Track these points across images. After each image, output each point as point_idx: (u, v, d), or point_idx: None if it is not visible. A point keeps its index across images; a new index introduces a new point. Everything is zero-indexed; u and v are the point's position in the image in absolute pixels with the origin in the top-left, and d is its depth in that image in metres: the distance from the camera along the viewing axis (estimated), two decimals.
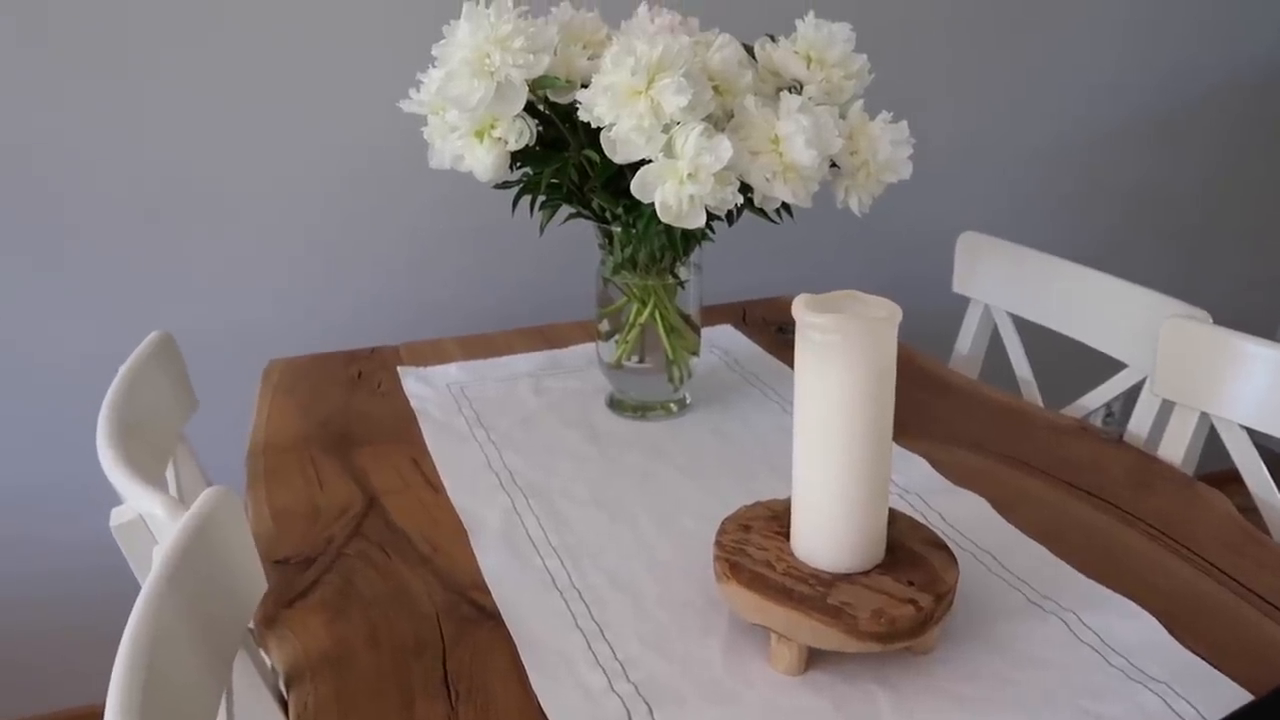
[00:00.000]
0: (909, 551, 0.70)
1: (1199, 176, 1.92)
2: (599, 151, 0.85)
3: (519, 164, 0.93)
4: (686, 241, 0.96)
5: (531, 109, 0.89)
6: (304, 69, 1.35)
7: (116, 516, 0.69)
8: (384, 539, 0.84)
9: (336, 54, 1.35)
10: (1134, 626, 0.71)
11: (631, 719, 0.63)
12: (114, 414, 0.81)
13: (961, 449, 0.97)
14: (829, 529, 0.68)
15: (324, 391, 1.12)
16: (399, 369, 1.17)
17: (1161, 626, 0.71)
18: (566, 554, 0.81)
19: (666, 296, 1.00)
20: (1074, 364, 1.31)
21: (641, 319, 1.00)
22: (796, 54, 0.93)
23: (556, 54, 0.88)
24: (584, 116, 0.84)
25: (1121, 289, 1.10)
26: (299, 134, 1.37)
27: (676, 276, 1.00)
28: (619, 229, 0.96)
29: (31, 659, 1.48)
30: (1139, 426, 1.04)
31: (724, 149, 0.81)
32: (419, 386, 1.13)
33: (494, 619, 0.73)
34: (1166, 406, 1.01)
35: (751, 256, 1.64)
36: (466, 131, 0.88)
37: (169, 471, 0.93)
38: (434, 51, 0.86)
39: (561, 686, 0.66)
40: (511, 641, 0.71)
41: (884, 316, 0.65)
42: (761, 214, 0.93)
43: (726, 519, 0.75)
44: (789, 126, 0.84)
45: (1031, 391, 1.21)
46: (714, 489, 0.91)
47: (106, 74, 1.27)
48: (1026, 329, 1.23)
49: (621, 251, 0.98)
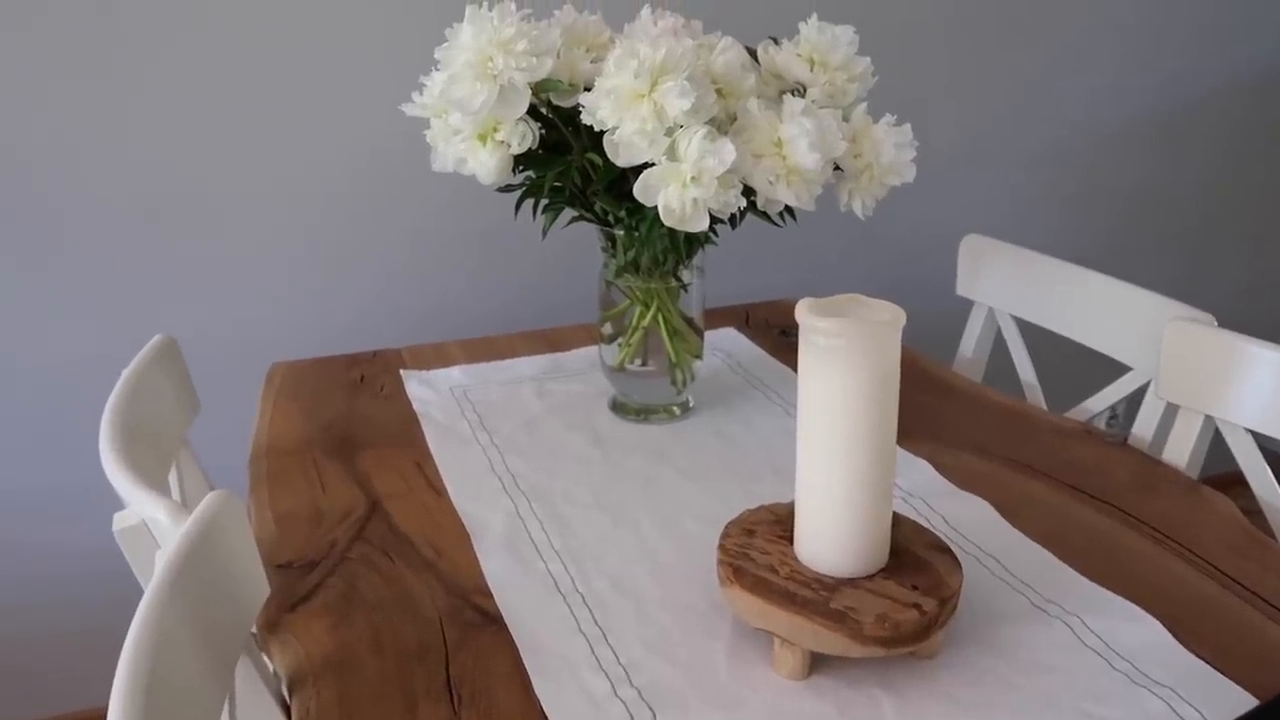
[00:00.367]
0: (913, 556, 0.70)
1: (1200, 179, 1.91)
2: (602, 155, 0.85)
3: (522, 167, 0.93)
4: (689, 244, 0.96)
5: (534, 112, 0.89)
6: (307, 73, 1.35)
7: (119, 521, 0.69)
8: (387, 543, 0.84)
9: (339, 57, 1.35)
10: (1139, 630, 0.71)
11: None
12: (117, 418, 0.81)
13: (965, 452, 0.97)
14: (832, 533, 0.68)
15: (327, 395, 1.12)
16: (402, 372, 1.17)
17: (1166, 630, 0.71)
18: (569, 558, 0.81)
19: (669, 299, 1.00)
20: (1078, 367, 1.31)
21: (644, 322, 1.00)
22: (800, 57, 0.93)
23: (559, 57, 0.88)
24: (587, 120, 0.84)
25: (1125, 292, 1.10)
26: (302, 137, 1.37)
27: (679, 279, 1.00)
28: (622, 232, 0.96)
29: (34, 663, 1.48)
30: (1143, 430, 1.04)
31: (727, 152, 0.81)
32: (422, 390, 1.13)
33: (497, 623, 0.73)
34: (1171, 410, 1.01)
35: (754, 259, 1.64)
36: (469, 135, 0.88)
37: (172, 475, 0.93)
38: (437, 55, 0.86)
39: (564, 691, 0.66)
40: (514, 646, 0.70)
41: (887, 320, 0.65)
42: (764, 217, 0.93)
43: (730, 523, 0.75)
44: (792, 129, 0.84)
45: (1035, 395, 1.21)
46: (717, 492, 0.91)
47: (110, 79, 1.27)
48: (1030, 332, 1.23)
49: (624, 255, 0.98)
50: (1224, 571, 0.78)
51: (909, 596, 0.66)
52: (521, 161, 0.92)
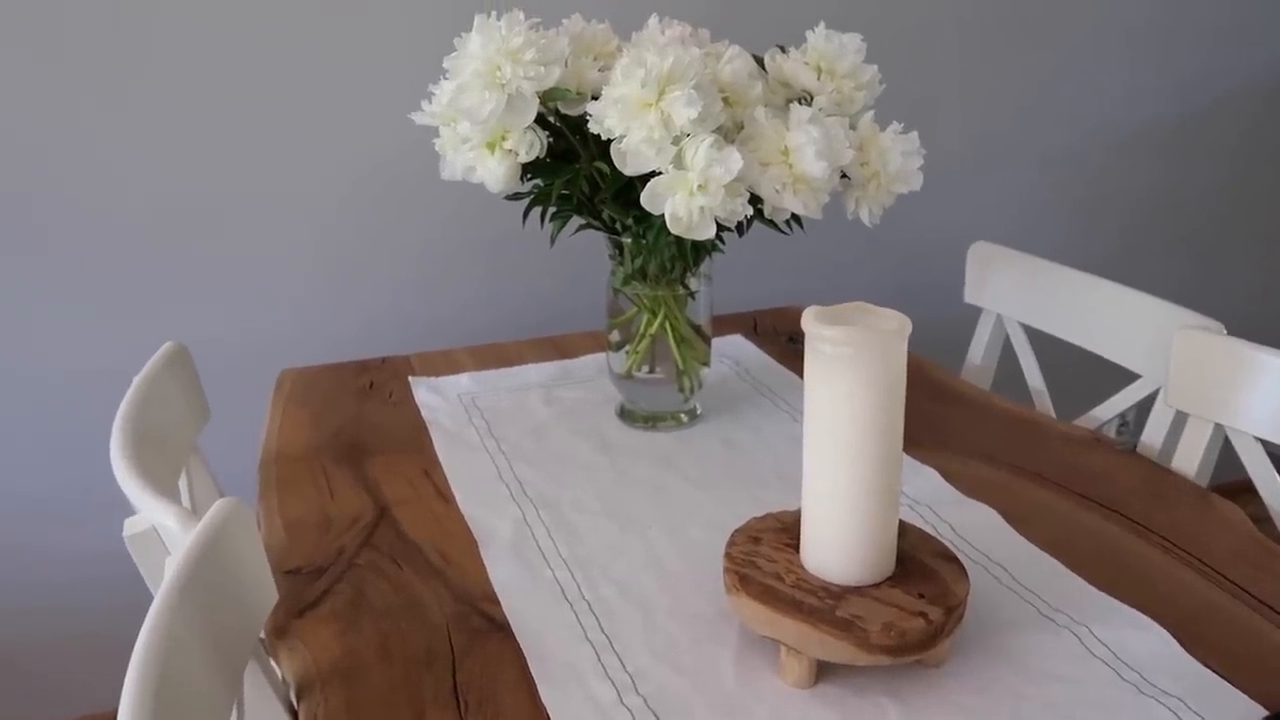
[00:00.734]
0: (920, 564, 0.70)
1: (1211, 183, 1.91)
2: (609, 163, 0.85)
3: (530, 175, 0.93)
4: (697, 252, 0.96)
5: (542, 121, 0.90)
6: (317, 81, 1.36)
7: (130, 527, 0.70)
8: (395, 549, 0.84)
9: (348, 66, 1.36)
10: (1147, 640, 0.70)
11: None
12: (128, 425, 0.82)
13: (973, 460, 0.97)
14: (839, 541, 0.68)
15: (336, 401, 1.13)
16: (410, 379, 1.18)
17: (1174, 640, 0.70)
18: (577, 565, 0.81)
19: (677, 307, 1.00)
20: (1086, 375, 1.30)
21: (652, 329, 1.00)
22: (807, 65, 0.93)
23: (567, 66, 0.89)
24: (594, 128, 0.84)
25: (1134, 299, 1.10)
26: (312, 145, 1.38)
27: (687, 287, 1.00)
28: (629, 240, 0.96)
29: (44, 667, 1.49)
30: (1152, 438, 1.04)
31: (734, 160, 0.81)
32: (430, 397, 1.13)
33: (504, 630, 0.73)
34: (1180, 418, 1.00)
35: (762, 267, 1.64)
36: (478, 143, 0.89)
37: (182, 481, 0.94)
38: (445, 64, 0.86)
39: (571, 699, 0.66)
40: (521, 653, 0.71)
41: (894, 329, 0.65)
42: (771, 225, 0.93)
43: (736, 530, 0.75)
44: (799, 138, 0.84)
45: (1044, 402, 1.20)
46: (724, 499, 0.91)
47: (120, 88, 1.28)
48: (1039, 339, 1.22)
49: (632, 262, 0.98)
50: (1233, 580, 0.78)
51: (915, 605, 0.66)
52: (529, 169, 0.92)
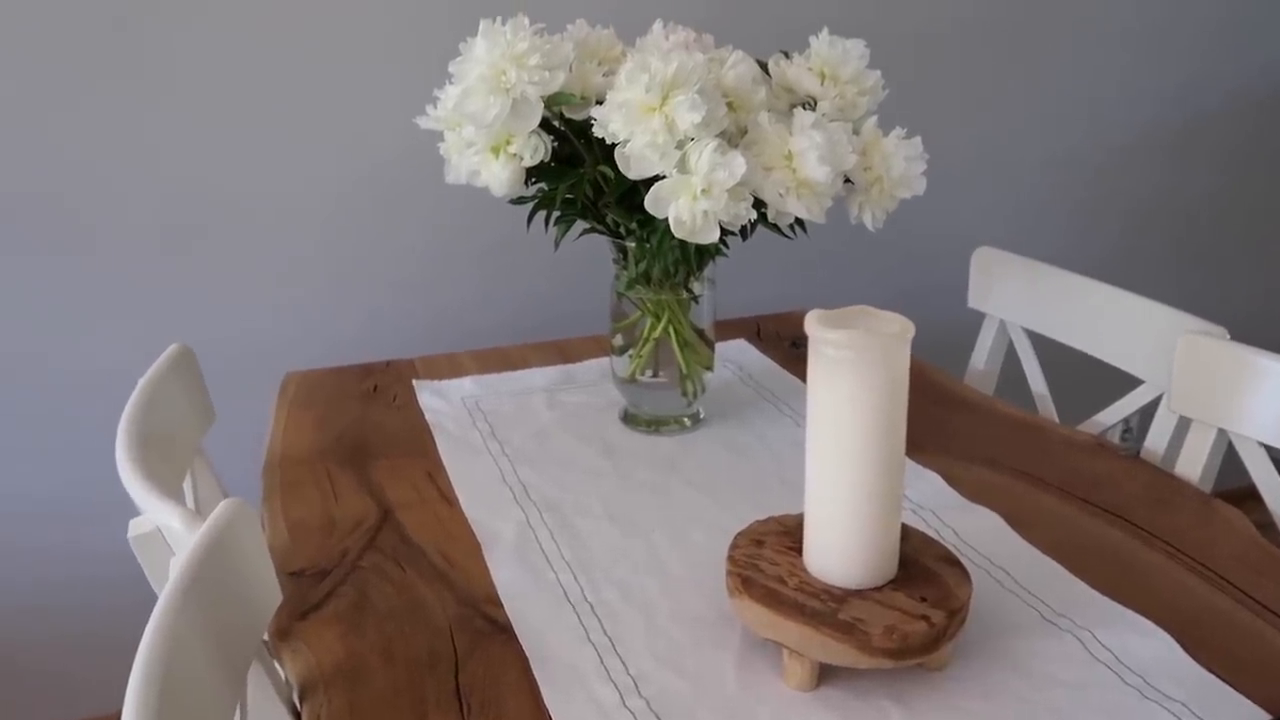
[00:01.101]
0: (922, 567, 0.70)
1: (1212, 186, 1.91)
2: (613, 167, 0.86)
3: (534, 179, 0.93)
4: (700, 256, 0.97)
5: (547, 125, 0.90)
6: (320, 85, 1.36)
7: (134, 528, 0.70)
8: (398, 552, 0.84)
9: (351, 70, 1.37)
10: (1150, 645, 0.70)
11: None
12: (133, 426, 0.82)
13: (976, 465, 0.97)
14: (841, 544, 0.68)
15: (340, 405, 1.13)
16: (414, 382, 1.18)
17: (1178, 645, 0.70)
18: (580, 568, 0.81)
19: (680, 311, 1.00)
20: (1090, 380, 1.30)
21: (655, 333, 1.00)
22: (810, 70, 0.93)
23: (572, 70, 0.89)
24: (599, 132, 0.84)
25: (1138, 304, 1.10)
26: (315, 149, 1.39)
27: (690, 291, 1.00)
28: (633, 244, 0.96)
29: (47, 667, 1.49)
30: (1155, 443, 1.04)
31: (737, 165, 0.81)
32: (434, 400, 1.13)
33: (507, 633, 0.73)
34: (1183, 423, 1.00)
35: (766, 271, 1.64)
36: (482, 147, 0.89)
37: (186, 483, 0.94)
38: (451, 68, 0.87)
39: (574, 701, 0.66)
40: (524, 655, 0.71)
41: (896, 332, 0.65)
42: (775, 229, 0.93)
43: (739, 534, 0.75)
44: (802, 142, 0.84)
45: (1047, 407, 1.20)
46: (727, 503, 0.91)
47: (123, 93, 1.29)
48: (1042, 344, 1.22)
49: (636, 266, 0.98)
50: (1237, 585, 0.77)
51: (917, 608, 0.66)
52: (534, 174, 0.92)
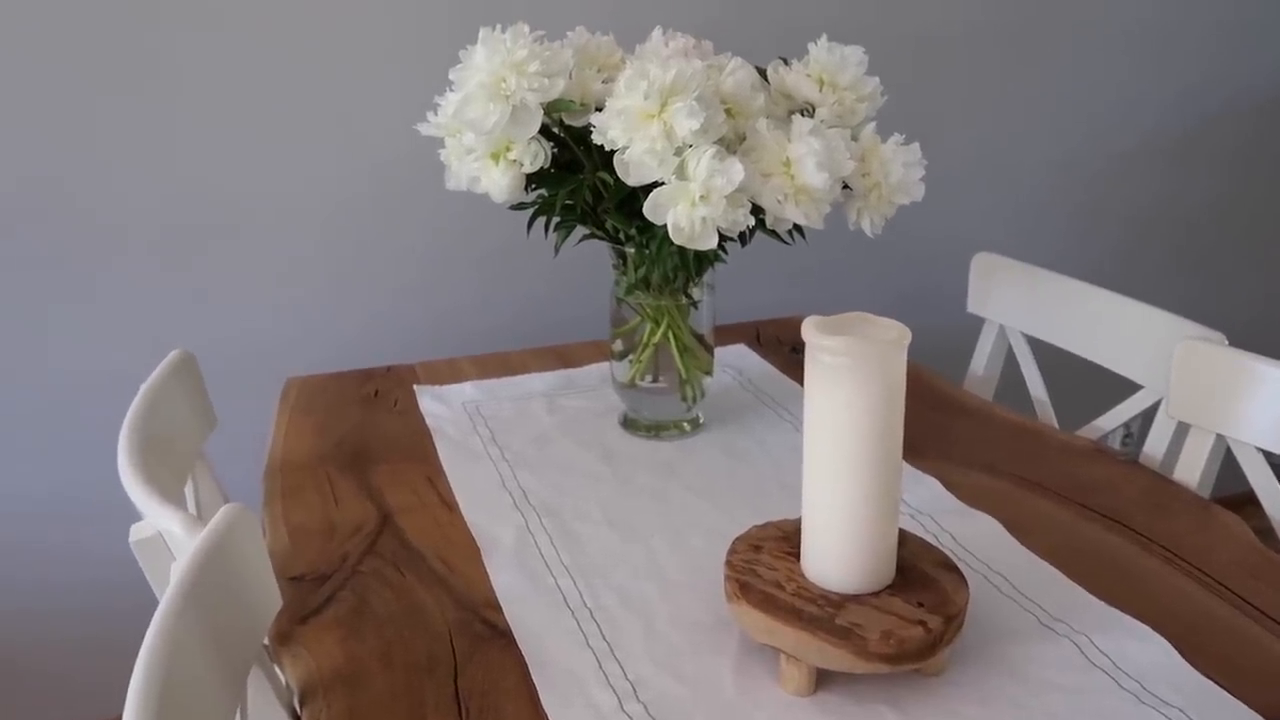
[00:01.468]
0: (919, 573, 0.70)
1: (1213, 191, 1.91)
2: (613, 173, 0.86)
3: (534, 186, 0.94)
4: (699, 262, 0.97)
5: (546, 132, 0.91)
6: (321, 90, 1.37)
7: (136, 532, 0.71)
8: (398, 557, 0.84)
9: (352, 76, 1.37)
10: (1147, 650, 0.71)
11: None
12: (135, 432, 0.82)
13: (975, 470, 0.97)
14: (838, 550, 0.68)
15: (340, 409, 1.13)
16: (415, 387, 1.18)
17: (1175, 650, 0.70)
18: (578, 573, 0.81)
19: (680, 316, 1.00)
20: (1089, 385, 1.30)
21: (655, 339, 1.01)
22: (809, 77, 0.94)
23: (571, 78, 0.89)
24: (598, 139, 0.85)
25: (1137, 310, 1.10)
26: (316, 154, 1.39)
27: (689, 297, 1.00)
28: (632, 250, 0.97)
29: (47, 671, 1.49)
30: (1154, 449, 1.04)
31: (736, 171, 0.82)
32: (434, 405, 1.14)
33: (506, 637, 0.74)
34: (1182, 428, 1.01)
35: (765, 276, 1.64)
36: (483, 154, 0.90)
37: (187, 488, 0.94)
38: (451, 75, 0.87)
39: (572, 706, 0.66)
40: (523, 660, 0.71)
41: (893, 339, 0.65)
42: (774, 235, 0.94)
43: (737, 539, 0.75)
44: (800, 149, 0.85)
45: (1046, 412, 1.20)
46: (726, 508, 0.91)
47: (126, 99, 1.29)
48: (1041, 350, 1.23)
49: (635, 272, 0.98)
50: (1234, 591, 0.78)
51: (914, 613, 0.66)
52: (534, 180, 0.93)
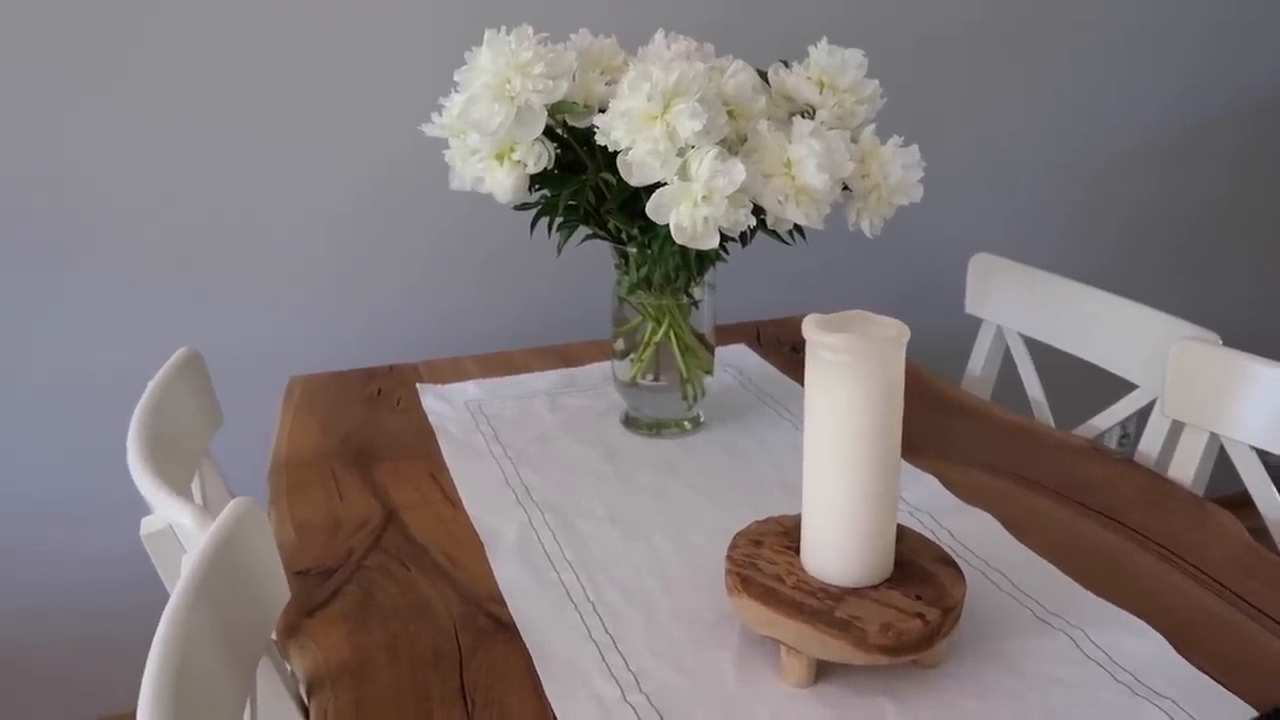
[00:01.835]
0: (918, 567, 0.71)
1: (1212, 192, 1.92)
2: (615, 174, 0.87)
3: (538, 186, 0.95)
4: (701, 262, 0.98)
5: (550, 133, 0.92)
6: (325, 91, 1.38)
7: (146, 526, 0.72)
8: (403, 552, 0.85)
9: (356, 76, 1.38)
10: (1142, 644, 0.72)
11: None
12: (143, 428, 0.83)
13: (973, 469, 0.98)
14: (837, 544, 0.69)
15: (344, 408, 1.14)
16: (418, 386, 1.19)
17: (1169, 644, 0.71)
18: (581, 568, 0.82)
19: (681, 316, 1.01)
20: (1085, 385, 1.31)
21: (656, 338, 1.02)
22: (809, 79, 0.95)
23: (575, 79, 0.90)
24: (601, 140, 0.86)
25: (1133, 311, 1.11)
26: (320, 154, 1.40)
27: (691, 296, 1.01)
28: (634, 250, 0.98)
29: (49, 670, 1.50)
30: (1149, 447, 1.05)
31: (737, 172, 0.83)
32: (438, 403, 1.15)
33: (510, 631, 0.75)
34: (1176, 427, 1.02)
35: (766, 276, 1.65)
36: (487, 154, 0.91)
37: (194, 484, 0.95)
38: (456, 77, 0.88)
39: (575, 697, 0.67)
40: (527, 653, 0.72)
41: (892, 336, 0.66)
42: (774, 235, 0.95)
43: (738, 534, 0.76)
44: (801, 150, 0.86)
45: (1043, 412, 1.22)
46: (727, 505, 0.92)
47: (130, 102, 1.30)
48: (1038, 350, 1.24)
49: (637, 272, 0.99)
50: (1228, 587, 0.79)
51: (913, 606, 0.67)
52: (537, 180, 0.94)
